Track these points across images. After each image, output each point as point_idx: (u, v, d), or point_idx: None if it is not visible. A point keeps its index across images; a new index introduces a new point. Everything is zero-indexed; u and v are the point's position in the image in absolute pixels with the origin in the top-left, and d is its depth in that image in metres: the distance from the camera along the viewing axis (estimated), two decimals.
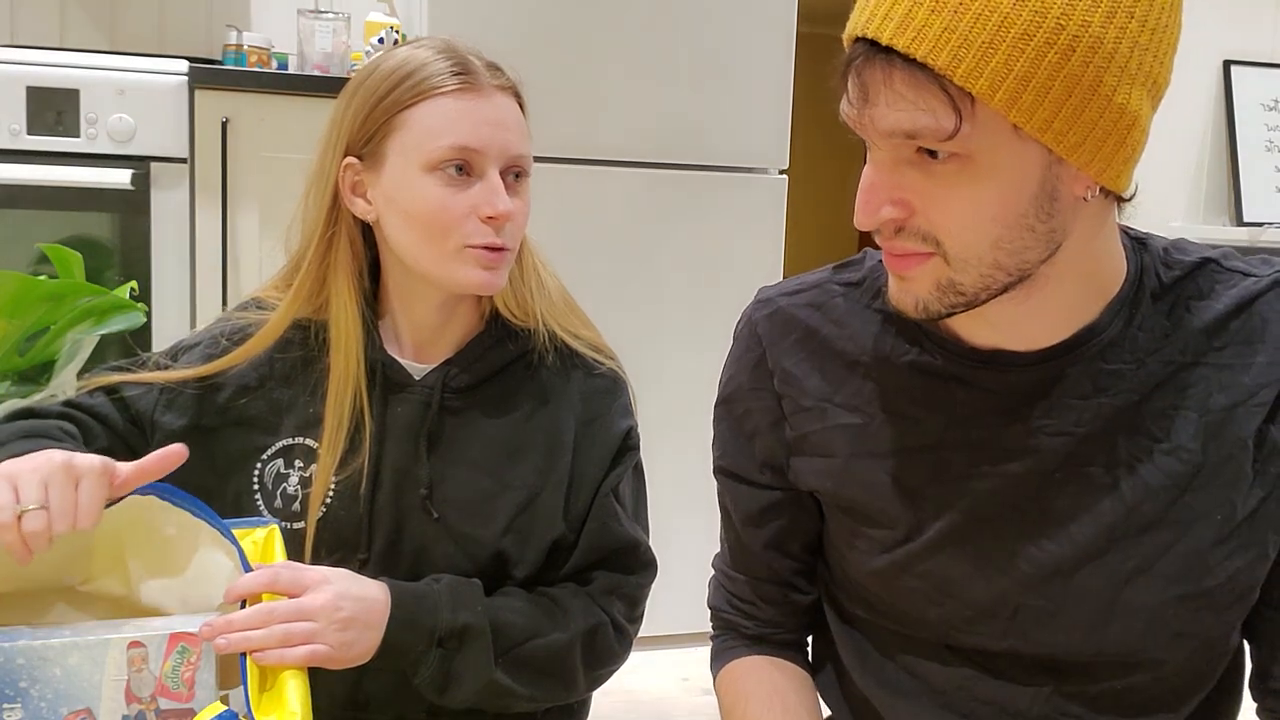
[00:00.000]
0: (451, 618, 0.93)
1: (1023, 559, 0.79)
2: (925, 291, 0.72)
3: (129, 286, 1.13)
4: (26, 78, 2.11)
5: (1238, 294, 0.77)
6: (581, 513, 1.03)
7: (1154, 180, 3.26)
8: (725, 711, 0.93)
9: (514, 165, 0.99)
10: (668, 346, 2.28)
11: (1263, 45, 3.40)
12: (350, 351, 1.00)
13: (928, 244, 0.69)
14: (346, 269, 1.02)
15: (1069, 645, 0.79)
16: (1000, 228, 0.68)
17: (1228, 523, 0.75)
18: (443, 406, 1.02)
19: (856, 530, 0.85)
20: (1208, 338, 0.76)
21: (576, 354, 1.07)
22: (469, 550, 1.00)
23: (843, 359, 0.85)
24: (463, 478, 1.01)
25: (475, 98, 0.97)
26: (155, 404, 1.01)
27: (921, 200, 0.68)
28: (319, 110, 2.19)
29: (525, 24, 2.15)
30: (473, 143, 0.96)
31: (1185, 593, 0.76)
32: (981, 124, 0.65)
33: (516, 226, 1.00)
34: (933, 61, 0.63)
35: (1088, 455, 0.77)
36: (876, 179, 0.69)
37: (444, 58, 0.98)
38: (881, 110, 0.66)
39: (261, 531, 0.90)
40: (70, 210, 2.16)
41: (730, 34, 2.27)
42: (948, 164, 0.67)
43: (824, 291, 0.88)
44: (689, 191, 2.29)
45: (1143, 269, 0.78)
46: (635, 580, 1.06)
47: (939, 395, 0.80)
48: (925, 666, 0.86)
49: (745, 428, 0.91)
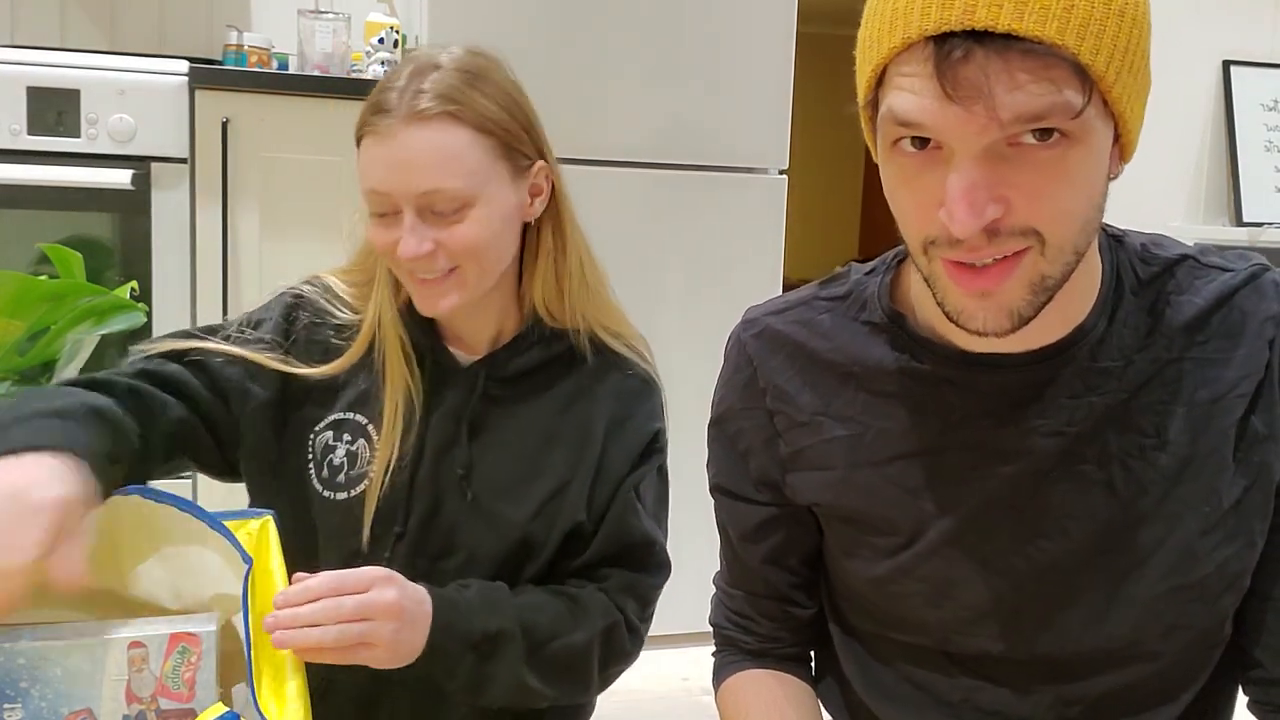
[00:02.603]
0: (485, 623, 0.95)
1: (1021, 559, 0.79)
2: (1019, 296, 0.69)
3: (129, 286, 1.13)
4: (27, 78, 2.11)
5: (1216, 289, 0.78)
6: (603, 505, 1.05)
7: (1153, 180, 3.26)
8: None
9: (430, 202, 0.97)
10: (667, 346, 2.28)
11: (1262, 45, 3.40)
12: (395, 343, 1.04)
13: (1027, 238, 0.67)
14: (388, 279, 1.06)
15: (1066, 642, 0.80)
16: (1089, 208, 0.69)
17: (1215, 513, 0.77)
18: (485, 394, 1.05)
19: (858, 539, 0.85)
20: (1190, 333, 0.77)
21: (614, 353, 1.10)
22: (499, 530, 1.03)
23: (833, 371, 0.85)
24: (498, 461, 1.05)
25: (383, 139, 0.97)
26: (244, 374, 1.03)
27: (1022, 193, 0.66)
28: (319, 110, 2.19)
29: (525, 24, 2.15)
30: (379, 186, 0.98)
31: (1178, 584, 0.77)
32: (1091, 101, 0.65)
33: (460, 251, 0.98)
34: (1060, 41, 0.62)
35: (1081, 454, 0.78)
36: (977, 176, 0.65)
37: (380, 91, 0.99)
38: (1004, 98, 0.63)
39: (256, 523, 0.89)
40: (70, 210, 2.16)
41: (730, 34, 2.27)
42: (1054, 148, 0.65)
43: (810, 308, 0.88)
44: (689, 191, 2.29)
45: (1119, 265, 0.79)
46: (649, 579, 1.07)
47: (931, 400, 0.81)
48: (927, 677, 0.86)
49: (739, 447, 0.91)
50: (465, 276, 1.00)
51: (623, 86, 2.21)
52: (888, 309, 0.83)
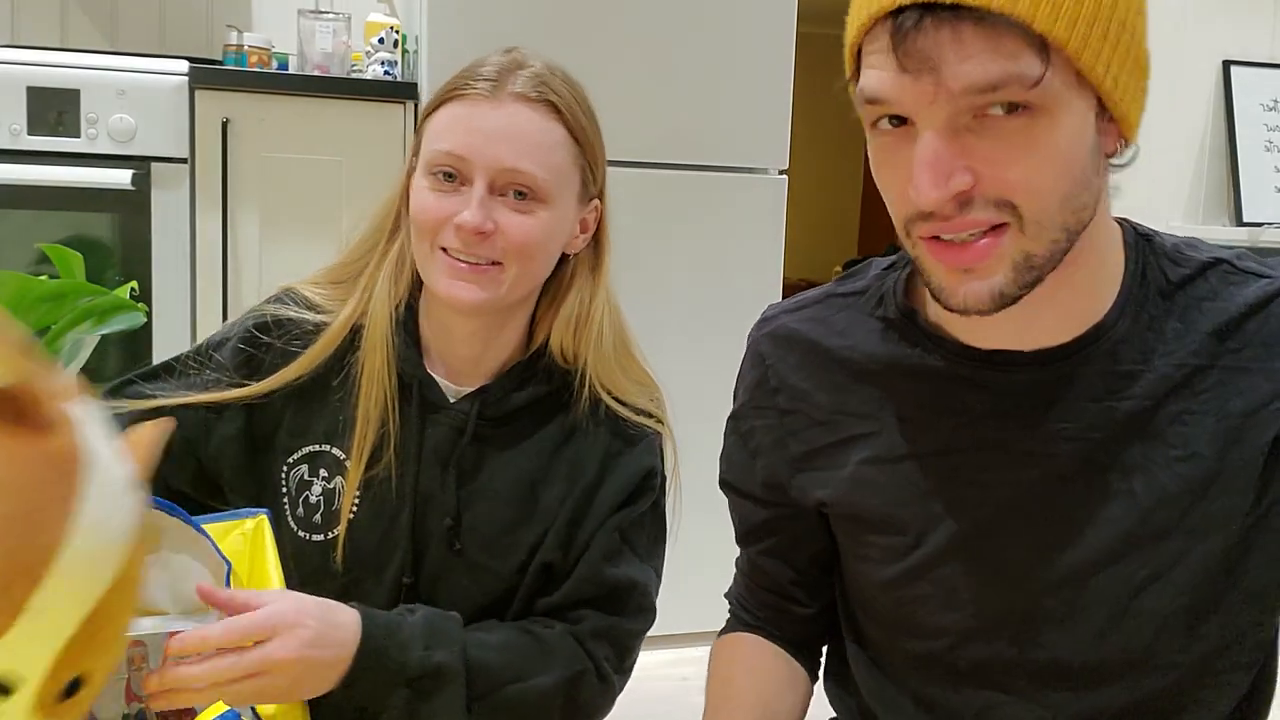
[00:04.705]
0: (424, 655, 0.88)
1: (1036, 565, 0.77)
2: (1001, 276, 0.68)
3: (129, 286, 1.12)
4: (27, 78, 2.11)
5: (1252, 295, 0.74)
6: (584, 543, 0.99)
7: (1154, 180, 3.25)
8: (711, 675, 0.93)
9: (510, 181, 0.93)
10: (668, 346, 2.28)
11: (1262, 45, 3.40)
12: (379, 353, 0.97)
13: (1001, 212, 0.66)
14: (392, 272, 1.01)
15: (1079, 650, 0.78)
16: (1068, 182, 0.67)
17: (1241, 530, 0.74)
18: (475, 435, 0.99)
19: (867, 540, 0.84)
20: (1221, 340, 0.74)
21: (611, 409, 1.02)
22: (484, 584, 0.99)
23: (849, 369, 0.84)
24: (487, 510, 0.99)
25: (485, 104, 0.93)
26: (203, 414, 0.98)
27: (988, 164, 0.65)
28: (319, 110, 2.19)
29: (524, 24, 2.15)
30: (458, 149, 0.93)
31: (1198, 599, 0.75)
32: (1053, 70, 0.64)
33: (511, 246, 0.94)
34: (1010, 10, 0.62)
35: (1102, 461, 0.75)
36: (939, 147, 0.65)
37: (493, 67, 0.96)
38: (955, 68, 0.63)
39: (251, 522, 0.89)
40: (70, 210, 2.16)
41: (730, 34, 2.27)
42: (1019, 118, 0.64)
43: (826, 305, 0.87)
44: (689, 191, 2.29)
45: (1145, 264, 0.76)
46: (627, 624, 1.00)
47: (945, 398, 0.79)
48: (939, 693, 0.84)
49: (749, 445, 0.90)
50: (504, 275, 0.95)
51: (622, 87, 2.21)
52: (901, 304, 0.82)
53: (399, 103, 2.24)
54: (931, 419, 0.80)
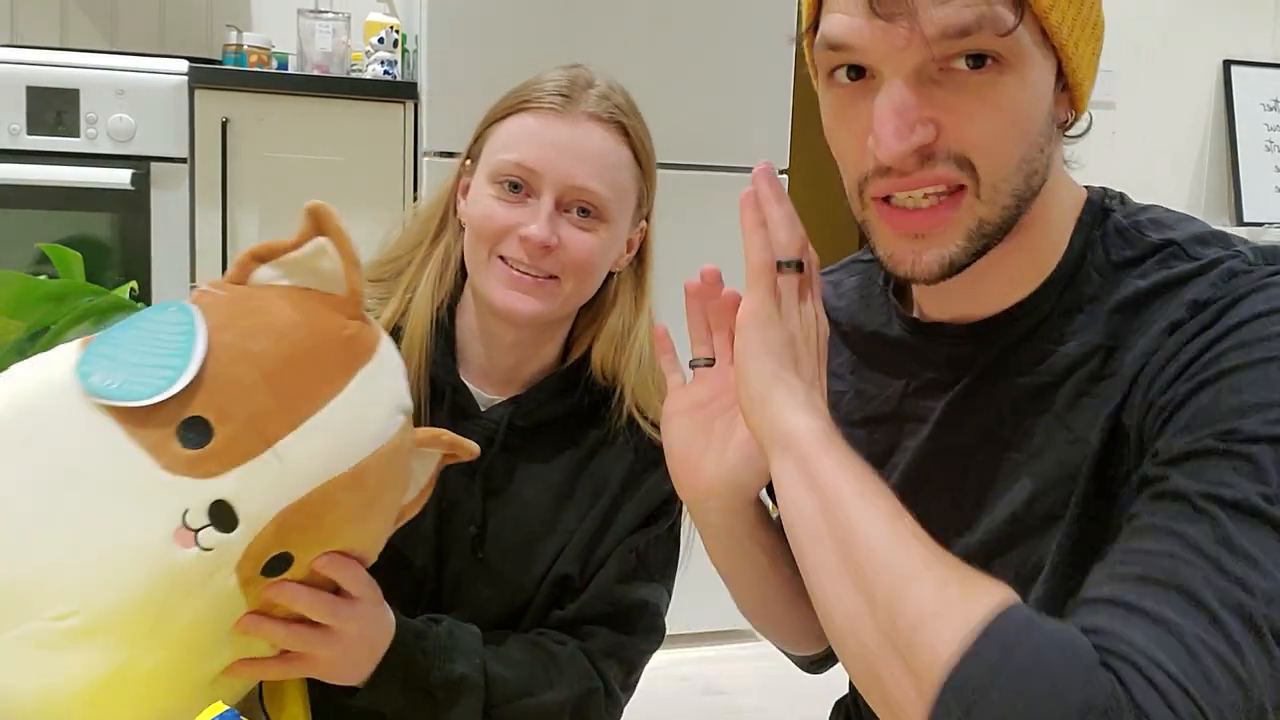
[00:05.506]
0: (448, 667, 0.89)
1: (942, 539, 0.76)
2: (952, 242, 0.67)
3: (129, 286, 1.12)
4: (27, 78, 2.11)
5: (1173, 276, 0.68)
6: (601, 559, 1.00)
7: (1153, 180, 3.26)
8: None
9: (577, 198, 0.95)
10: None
11: (1263, 45, 3.40)
12: (415, 356, 0.97)
13: (961, 171, 0.65)
14: (436, 273, 1.01)
15: None
16: (1024, 145, 0.66)
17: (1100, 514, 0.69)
18: (504, 445, 0.99)
19: None
20: (1126, 317, 0.69)
21: (640, 429, 1.02)
22: (504, 593, 0.99)
23: (837, 330, 0.86)
24: (512, 519, 0.99)
25: (557, 120, 0.95)
26: None
27: (952, 117, 0.64)
28: (319, 110, 2.19)
29: (524, 24, 2.15)
30: (530, 162, 0.94)
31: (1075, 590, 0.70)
32: (1023, 25, 0.63)
33: (571, 262, 0.95)
34: None
35: (1005, 439, 0.73)
36: (905, 98, 0.63)
37: (562, 81, 0.97)
38: (931, 11, 0.61)
39: None
40: (70, 210, 2.16)
41: (730, 34, 2.27)
42: (986, 72, 0.63)
43: (847, 270, 0.89)
44: (689, 191, 2.29)
45: (1088, 241, 0.73)
46: (637, 643, 1.01)
47: (896, 365, 0.81)
48: None
49: None
50: (560, 290, 0.96)
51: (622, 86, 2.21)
52: None
53: (399, 102, 2.24)
54: (884, 386, 0.82)
